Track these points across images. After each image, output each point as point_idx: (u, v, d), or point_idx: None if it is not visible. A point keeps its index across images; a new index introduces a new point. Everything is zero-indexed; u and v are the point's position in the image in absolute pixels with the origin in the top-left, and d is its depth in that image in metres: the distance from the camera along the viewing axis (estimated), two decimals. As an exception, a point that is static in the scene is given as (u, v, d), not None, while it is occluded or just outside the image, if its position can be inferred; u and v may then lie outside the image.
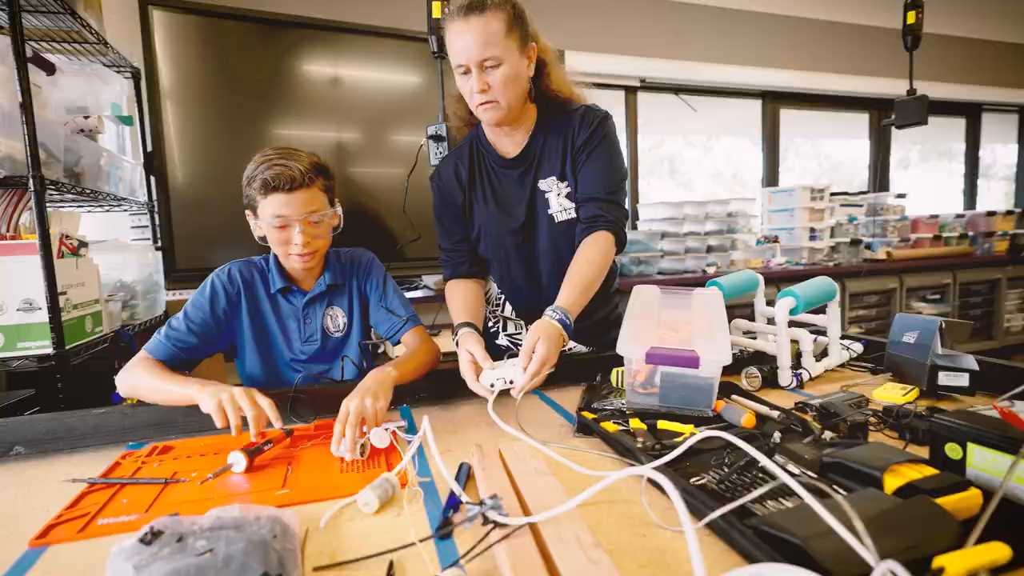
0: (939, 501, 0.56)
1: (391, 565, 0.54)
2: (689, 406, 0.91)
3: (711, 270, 3.32)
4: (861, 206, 3.94)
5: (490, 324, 1.36)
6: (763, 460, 0.55)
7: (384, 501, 0.65)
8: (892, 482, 0.61)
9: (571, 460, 0.69)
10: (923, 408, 0.88)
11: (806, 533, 0.49)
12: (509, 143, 1.16)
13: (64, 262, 1.38)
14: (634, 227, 3.82)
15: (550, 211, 1.15)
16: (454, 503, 0.64)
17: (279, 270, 1.13)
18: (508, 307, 1.30)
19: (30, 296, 1.29)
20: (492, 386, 0.90)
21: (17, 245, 1.27)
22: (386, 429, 0.84)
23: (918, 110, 2.10)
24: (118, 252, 1.77)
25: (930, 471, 0.62)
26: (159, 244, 1.91)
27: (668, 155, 4.38)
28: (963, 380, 0.98)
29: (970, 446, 0.64)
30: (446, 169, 1.21)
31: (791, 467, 0.70)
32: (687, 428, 0.84)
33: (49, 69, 1.38)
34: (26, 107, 1.24)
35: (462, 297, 1.15)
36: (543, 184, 1.15)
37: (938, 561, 0.44)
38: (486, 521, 0.56)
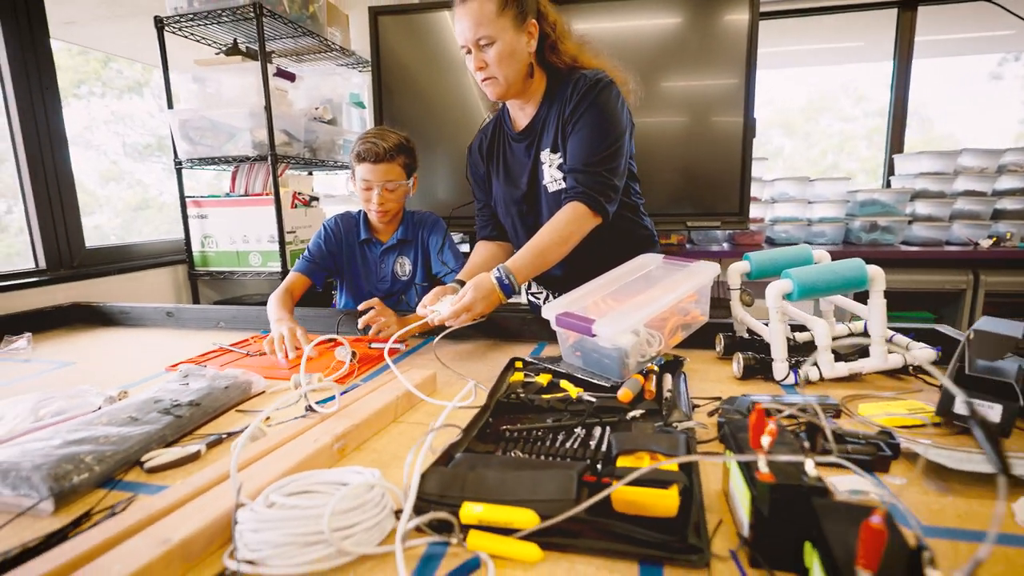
0: (625, 489, 0.54)
1: (267, 417, 0.85)
2: (605, 373, 0.93)
3: (986, 244, 2.48)
4: None
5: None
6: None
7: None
8: (623, 464, 0.61)
9: (442, 395, 0.87)
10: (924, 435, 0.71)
11: (433, 483, 0.59)
12: (522, 115, 1.23)
13: (295, 211, 2.06)
14: (887, 184, 3.05)
15: (544, 182, 1.20)
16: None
17: (365, 223, 1.50)
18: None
19: (272, 233, 2.00)
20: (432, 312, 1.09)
21: (265, 199, 1.98)
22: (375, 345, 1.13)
23: None
24: (343, 204, 2.47)
25: (672, 468, 0.58)
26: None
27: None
28: (994, 413, 0.72)
29: (728, 454, 0.57)
30: (475, 141, 1.36)
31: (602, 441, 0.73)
32: (575, 391, 0.89)
33: (291, 79, 2.03)
34: (268, 108, 1.89)
35: (472, 257, 1.32)
36: (543, 155, 1.20)
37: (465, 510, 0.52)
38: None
